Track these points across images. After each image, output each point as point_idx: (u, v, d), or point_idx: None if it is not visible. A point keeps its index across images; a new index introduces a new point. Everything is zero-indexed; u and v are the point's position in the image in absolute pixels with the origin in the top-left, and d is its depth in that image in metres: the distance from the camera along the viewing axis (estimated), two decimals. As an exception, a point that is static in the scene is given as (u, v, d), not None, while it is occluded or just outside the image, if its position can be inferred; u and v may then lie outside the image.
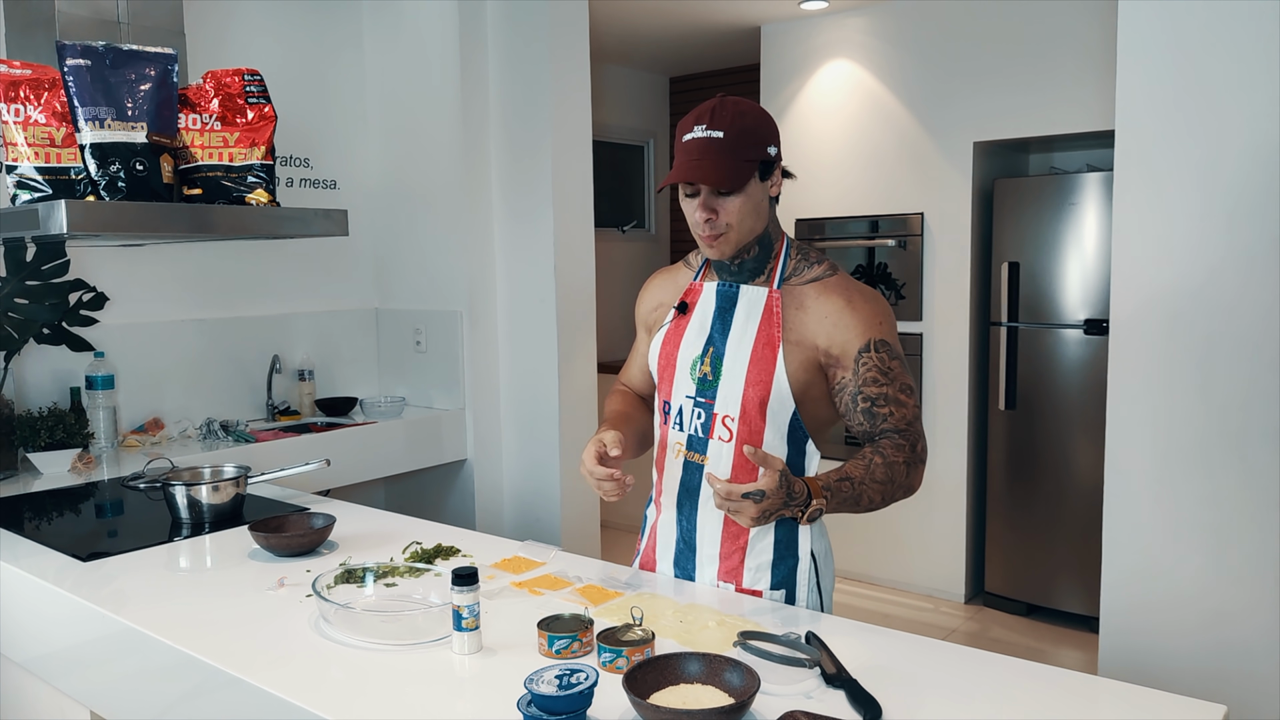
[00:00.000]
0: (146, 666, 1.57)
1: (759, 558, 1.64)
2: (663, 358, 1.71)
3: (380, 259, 4.00)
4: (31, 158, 1.97)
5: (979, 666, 1.37)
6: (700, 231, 1.58)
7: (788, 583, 1.65)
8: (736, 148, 1.53)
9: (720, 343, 1.63)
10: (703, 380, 1.64)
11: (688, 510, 1.69)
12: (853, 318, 1.57)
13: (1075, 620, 3.92)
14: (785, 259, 1.64)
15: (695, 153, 1.53)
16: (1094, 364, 3.74)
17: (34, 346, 2.87)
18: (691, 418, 1.66)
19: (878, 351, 1.57)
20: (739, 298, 1.64)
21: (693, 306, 1.69)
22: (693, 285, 1.72)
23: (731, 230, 1.57)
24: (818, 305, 1.59)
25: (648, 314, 1.81)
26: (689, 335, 1.67)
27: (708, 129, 1.53)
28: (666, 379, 1.70)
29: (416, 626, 1.45)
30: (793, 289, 1.61)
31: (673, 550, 1.73)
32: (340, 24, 3.84)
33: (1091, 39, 3.69)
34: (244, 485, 2.22)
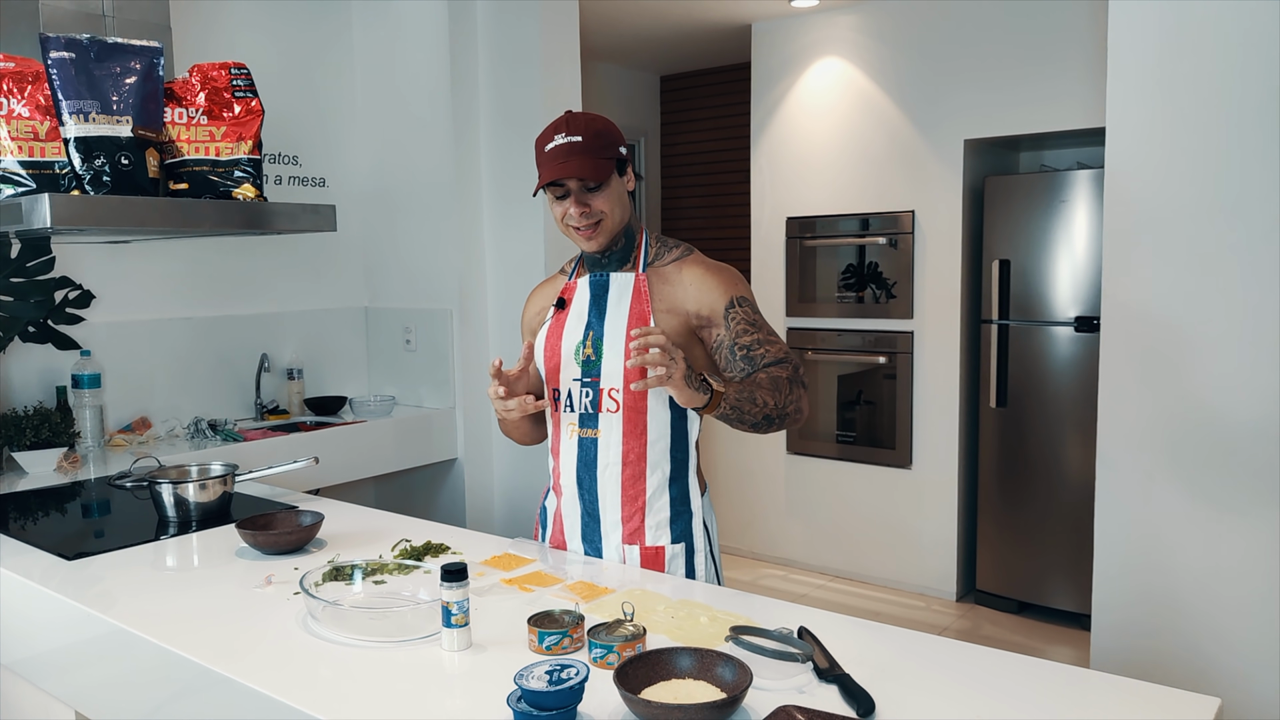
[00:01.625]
0: (133, 666, 1.55)
1: (658, 515, 1.79)
2: (548, 350, 1.84)
3: (370, 257, 3.98)
4: (15, 151, 1.95)
5: (972, 660, 1.36)
6: (576, 225, 1.75)
7: (686, 537, 1.80)
8: (595, 148, 1.72)
9: (598, 325, 1.79)
10: (587, 361, 1.79)
11: (588, 484, 1.81)
12: (714, 280, 1.77)
13: (1066, 618, 3.92)
14: (646, 247, 1.83)
15: (561, 156, 1.71)
16: (1085, 361, 3.74)
17: (19, 344, 2.85)
18: (580, 397, 1.80)
19: (741, 307, 1.75)
20: (609, 284, 1.81)
21: (570, 301, 1.85)
22: (568, 284, 1.89)
23: (605, 219, 1.75)
24: (680, 277, 1.78)
25: (532, 319, 1.97)
26: (570, 325, 1.83)
27: (567, 135, 1.72)
28: (553, 369, 1.84)
29: (405, 623, 1.44)
30: (657, 270, 1.80)
31: (579, 527, 1.85)
32: (329, 21, 3.82)
33: (1082, 36, 3.69)
34: (231, 483, 2.20)
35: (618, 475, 1.78)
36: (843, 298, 4.40)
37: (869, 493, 4.39)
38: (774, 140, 4.57)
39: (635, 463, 1.77)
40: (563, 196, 1.75)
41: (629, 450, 1.77)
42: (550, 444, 1.90)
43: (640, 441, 1.77)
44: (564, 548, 1.89)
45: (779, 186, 4.57)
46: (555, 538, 1.91)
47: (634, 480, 1.78)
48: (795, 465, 4.60)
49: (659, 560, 1.79)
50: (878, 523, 4.38)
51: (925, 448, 4.22)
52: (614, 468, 1.78)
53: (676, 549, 1.79)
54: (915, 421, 4.24)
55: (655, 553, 1.79)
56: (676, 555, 1.80)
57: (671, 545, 1.79)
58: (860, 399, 4.41)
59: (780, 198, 4.57)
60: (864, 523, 4.42)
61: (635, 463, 1.77)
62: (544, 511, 1.97)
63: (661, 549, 1.79)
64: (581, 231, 1.75)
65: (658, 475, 1.78)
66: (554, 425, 1.87)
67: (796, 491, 4.62)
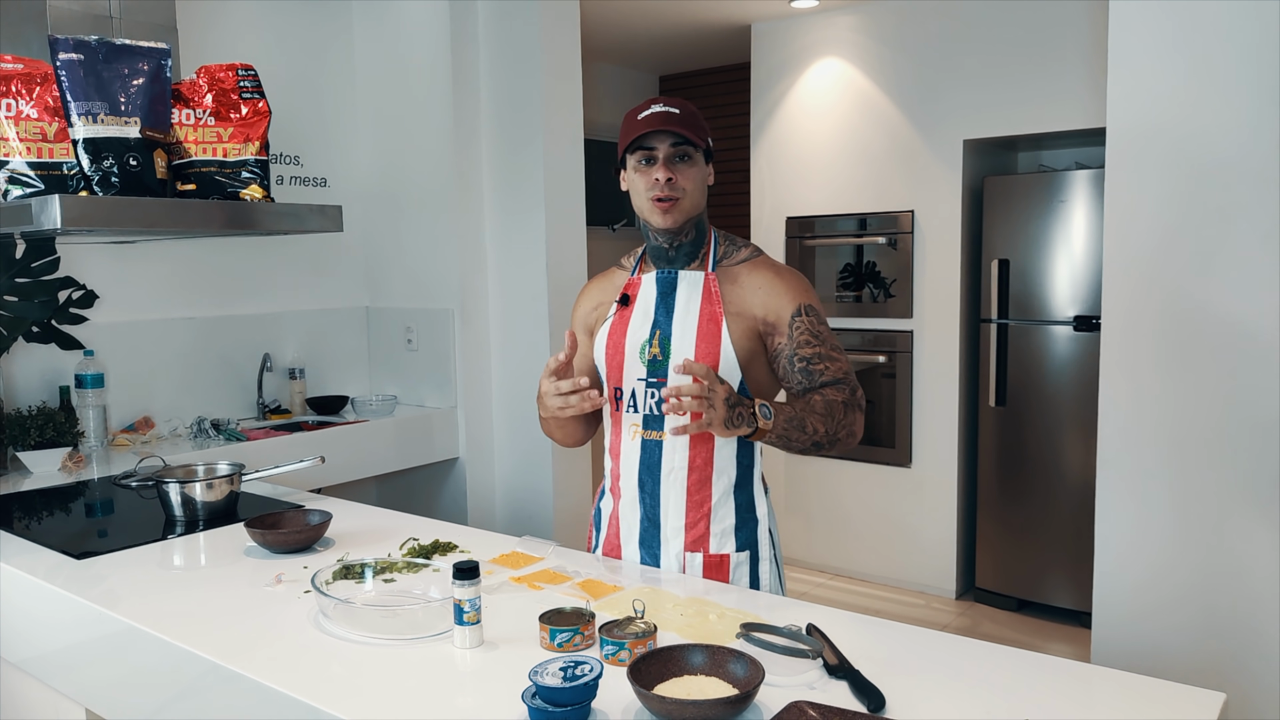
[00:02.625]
0: (145, 664, 1.56)
1: (723, 523, 1.73)
2: (610, 348, 1.78)
3: (371, 257, 3.99)
4: (23, 153, 1.95)
5: (979, 657, 1.37)
6: (656, 194, 1.67)
7: (751, 544, 1.75)
8: (692, 124, 1.68)
9: (666, 324, 1.73)
10: (653, 361, 1.73)
11: (650, 487, 1.75)
12: (783, 286, 1.72)
13: (1065, 615, 3.94)
14: (715, 246, 1.77)
15: (657, 121, 1.65)
16: (1084, 360, 3.76)
17: (23, 345, 2.85)
18: (645, 398, 1.74)
19: (808, 316, 1.70)
20: (678, 282, 1.75)
21: (634, 298, 1.78)
22: (632, 280, 1.82)
23: (685, 197, 1.69)
24: (750, 279, 1.72)
25: (587, 315, 1.89)
26: (634, 323, 1.76)
27: (665, 106, 1.67)
28: (616, 366, 1.77)
29: (417, 621, 1.45)
30: (726, 269, 1.74)
31: (637, 532, 1.79)
32: (331, 21, 3.82)
33: (1081, 37, 3.71)
34: (238, 483, 2.21)
35: (683, 480, 1.72)
36: (842, 297, 4.42)
37: (869, 491, 4.41)
38: (774, 140, 4.58)
39: (702, 468, 1.72)
40: (648, 162, 1.68)
41: (695, 455, 1.72)
42: (609, 444, 1.83)
43: (707, 446, 1.71)
44: (618, 552, 1.83)
45: (779, 186, 4.58)
46: (610, 541, 1.85)
47: (699, 486, 1.72)
48: (795, 464, 4.62)
49: (723, 569, 1.73)
50: (877, 521, 4.40)
51: (925, 446, 4.24)
52: (679, 472, 1.72)
53: (741, 557, 1.74)
54: (915, 420, 4.25)
55: (719, 560, 1.73)
56: (741, 563, 1.74)
57: (736, 553, 1.74)
58: (860, 398, 4.42)
59: (780, 197, 4.59)
60: (864, 521, 4.44)
61: (702, 468, 1.72)
62: (598, 514, 1.90)
63: (726, 557, 1.73)
64: (660, 204, 1.67)
65: (724, 481, 1.72)
66: (614, 425, 1.80)
67: (796, 490, 4.63)
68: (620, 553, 1.83)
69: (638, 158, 1.69)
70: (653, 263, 1.79)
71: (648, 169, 1.69)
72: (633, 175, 1.72)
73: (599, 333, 1.82)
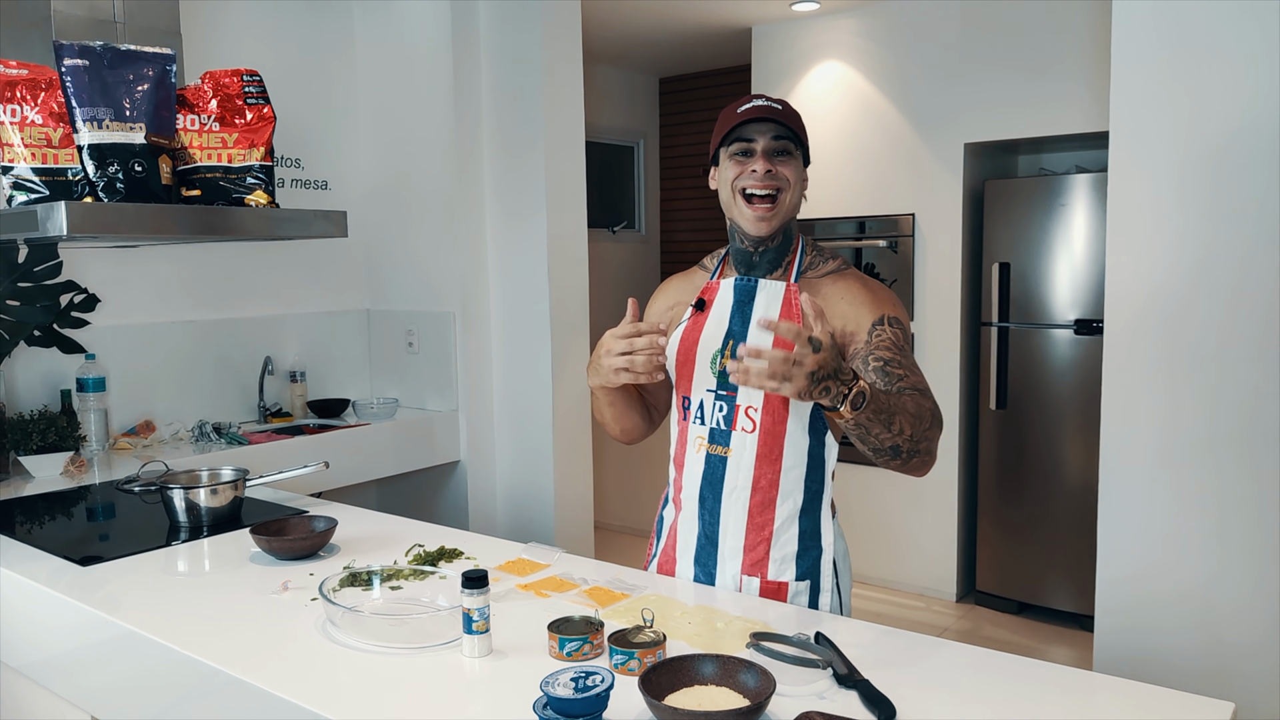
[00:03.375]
0: (151, 671, 1.55)
1: (784, 549, 1.64)
2: (681, 353, 1.70)
3: (372, 259, 3.99)
4: (28, 158, 1.95)
5: (989, 666, 1.37)
6: (756, 189, 1.56)
7: (812, 574, 1.64)
8: (794, 121, 1.60)
9: (741, 335, 1.64)
10: (724, 373, 1.63)
11: (710, 504, 1.68)
12: (867, 296, 1.61)
13: (1066, 618, 3.95)
14: (801, 255, 1.67)
15: (757, 114, 1.56)
16: (1085, 364, 3.77)
17: (24, 348, 2.85)
18: (713, 411, 1.65)
19: (891, 326, 1.58)
20: (757, 291, 1.65)
21: (710, 303, 1.70)
22: (710, 284, 1.73)
23: (785, 195, 1.59)
24: (833, 290, 1.62)
25: (663, 314, 1.80)
26: (708, 330, 1.68)
27: (766, 100, 1.58)
28: (685, 374, 1.70)
29: (425, 630, 1.45)
30: (809, 281, 1.64)
31: (693, 548, 1.72)
32: (332, 24, 3.82)
33: (1082, 41, 3.71)
34: (242, 488, 2.20)
35: (745, 500, 1.63)
36: (843, 300, 4.42)
37: (869, 493, 4.42)
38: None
39: (766, 489, 1.63)
40: (745, 154, 1.58)
41: (760, 475, 1.62)
42: (674, 453, 1.76)
43: (774, 467, 1.62)
44: (673, 566, 1.76)
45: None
46: (666, 553, 1.78)
47: (762, 508, 1.63)
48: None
49: (781, 596, 1.64)
50: (877, 523, 4.40)
51: (925, 449, 4.24)
52: (742, 492, 1.63)
53: (801, 586, 1.64)
54: (915, 423, 4.26)
55: (777, 588, 1.64)
56: (800, 593, 1.64)
57: (796, 582, 1.64)
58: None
59: (780, 200, 4.59)
60: (864, 523, 4.44)
61: (766, 489, 1.63)
62: (660, 522, 1.83)
63: (785, 585, 1.64)
64: (757, 203, 1.57)
65: (789, 505, 1.63)
66: (680, 434, 1.73)
67: (797, 493, 4.63)
68: (675, 567, 1.76)
69: (734, 149, 1.59)
70: (735, 266, 1.70)
71: (741, 162, 1.59)
72: (725, 168, 1.61)
73: (671, 335, 1.72)
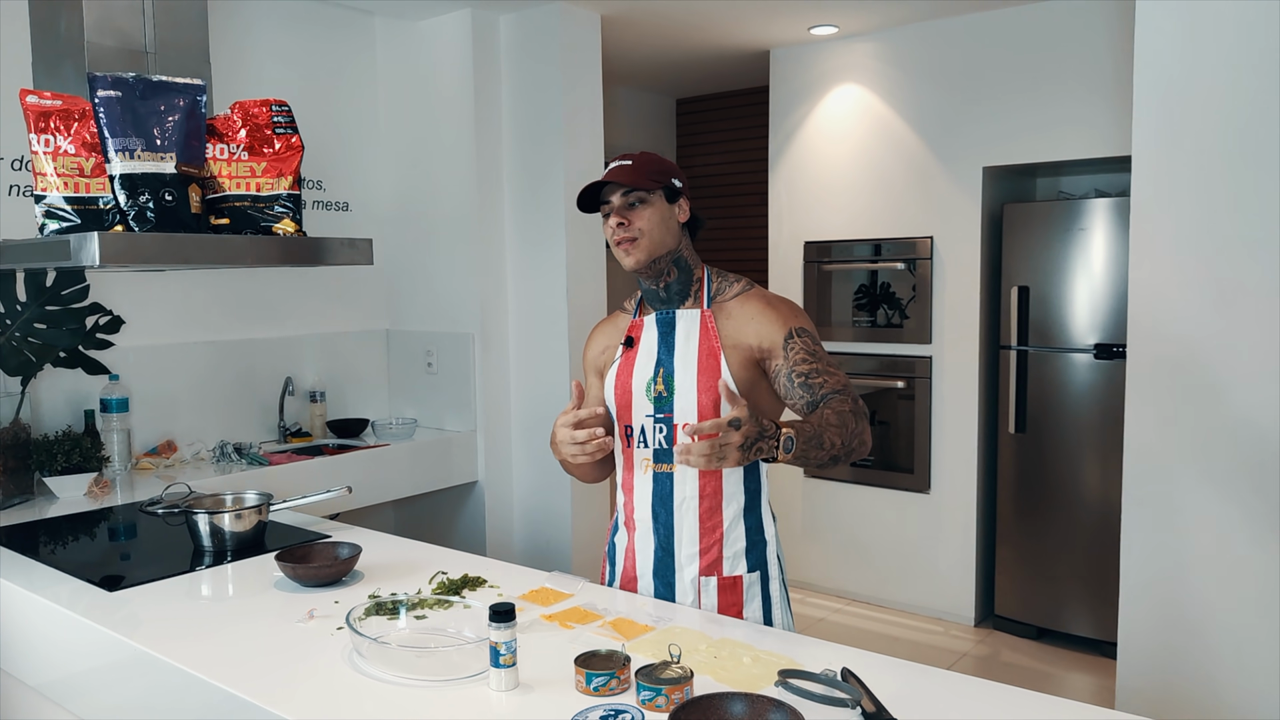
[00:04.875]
0: (174, 697, 1.56)
1: (734, 546, 1.82)
2: (619, 388, 1.87)
3: (392, 280, 4.01)
4: (60, 188, 1.98)
5: (1020, 704, 1.37)
6: (614, 239, 1.80)
7: (761, 564, 1.84)
8: (644, 170, 1.80)
9: (669, 361, 1.82)
10: (659, 398, 1.82)
11: (664, 518, 1.83)
12: (773, 314, 1.81)
13: (1086, 644, 3.92)
14: (708, 283, 1.86)
15: (609, 175, 1.81)
16: (1104, 388, 3.75)
17: (49, 369, 2.88)
18: (654, 433, 1.83)
19: (800, 337, 1.79)
20: (676, 321, 1.84)
21: (639, 339, 1.88)
22: (634, 322, 1.91)
23: (643, 237, 1.79)
24: (742, 311, 1.82)
25: (596, 358, 1.98)
26: (640, 362, 1.86)
27: (620, 161, 1.82)
28: (625, 406, 1.86)
29: (452, 662, 1.45)
30: (720, 305, 1.84)
31: (651, 562, 1.86)
32: (355, 48, 3.86)
33: (1101, 65, 3.72)
34: (266, 513, 2.22)
35: (695, 509, 1.81)
36: (859, 321, 4.42)
37: (886, 516, 4.40)
38: (792, 165, 4.60)
39: (712, 495, 1.80)
40: (608, 215, 1.82)
41: (705, 484, 1.80)
42: (621, 480, 1.92)
43: (716, 475, 1.80)
44: (634, 585, 1.90)
45: (797, 211, 4.59)
46: (627, 572, 1.91)
47: (711, 513, 1.81)
48: (812, 488, 4.61)
49: (737, 589, 1.81)
50: (895, 546, 4.38)
51: (944, 472, 4.23)
52: (691, 501, 1.80)
53: (753, 577, 1.82)
54: (934, 446, 4.25)
55: (733, 582, 1.81)
56: (753, 583, 1.82)
57: (748, 574, 1.82)
58: (874, 420, 4.42)
59: (798, 222, 4.60)
60: (881, 546, 4.42)
61: (712, 495, 1.80)
62: (612, 548, 1.97)
63: (739, 578, 1.81)
64: (620, 245, 1.80)
65: (734, 506, 1.81)
66: (626, 461, 1.89)
67: (813, 514, 4.62)
68: (636, 585, 1.89)
69: (602, 211, 1.83)
70: (649, 305, 1.90)
71: (608, 221, 1.82)
72: (604, 226, 1.84)
73: (608, 374, 1.91)
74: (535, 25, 3.74)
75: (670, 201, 1.83)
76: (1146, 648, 2.71)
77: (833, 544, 4.57)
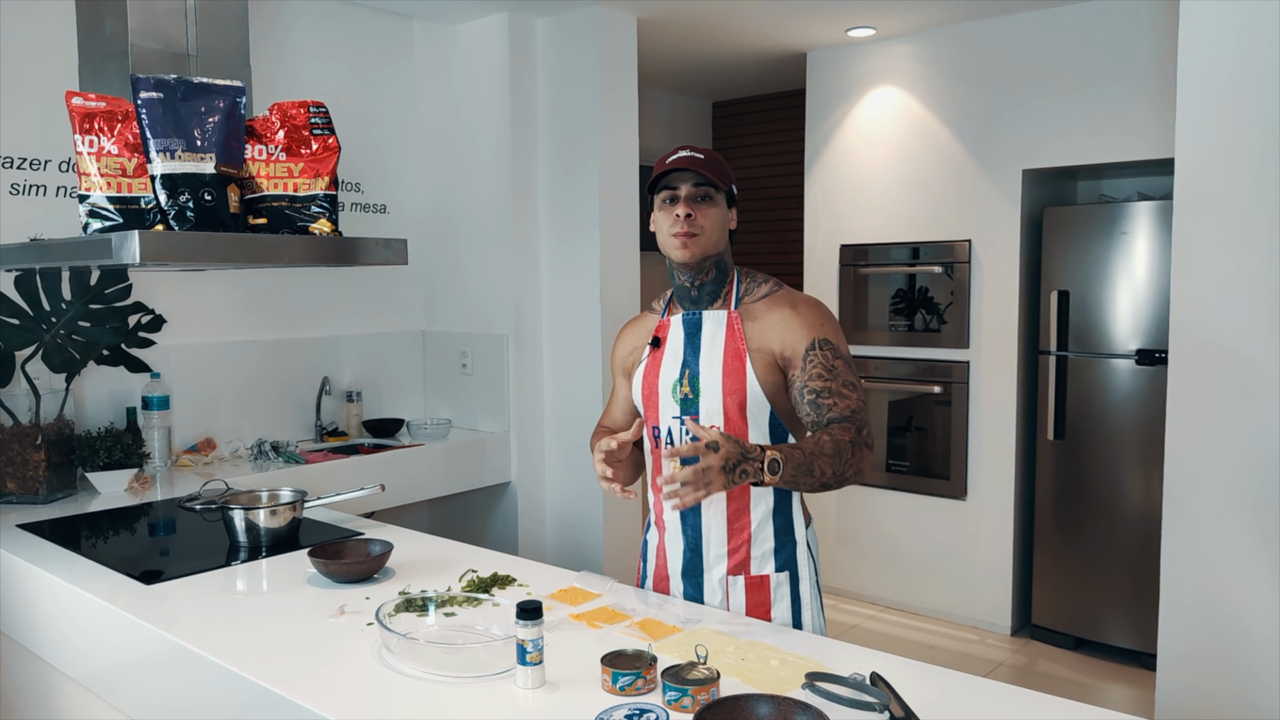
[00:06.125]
0: (207, 689, 1.58)
1: (763, 545, 1.80)
2: (645, 389, 1.86)
3: (428, 282, 4.04)
4: (103, 187, 2.02)
5: (1049, 712, 1.35)
6: (676, 230, 1.76)
7: (790, 565, 1.81)
8: (715, 169, 1.79)
9: (694, 363, 1.81)
10: (685, 399, 1.80)
11: (692, 519, 1.83)
12: (798, 320, 1.78)
13: (1125, 655, 3.85)
14: (738, 284, 1.85)
15: (681, 164, 1.77)
16: (1146, 395, 3.68)
17: (92, 367, 2.93)
18: (681, 435, 1.81)
19: (822, 350, 1.76)
20: (703, 322, 1.83)
21: (665, 340, 1.87)
22: (661, 322, 1.90)
23: (703, 235, 1.77)
24: (768, 315, 1.79)
25: (624, 359, 1.98)
26: (666, 364, 1.84)
27: (690, 151, 1.78)
28: (652, 406, 1.86)
29: (480, 659, 1.46)
30: (747, 307, 1.82)
31: (681, 563, 1.86)
32: (392, 51, 3.90)
33: (1145, 66, 3.65)
34: (300, 510, 2.24)
35: (722, 510, 1.79)
36: (896, 326, 4.38)
37: (922, 523, 4.35)
38: (828, 167, 4.57)
39: (739, 496, 1.79)
40: (672, 200, 1.78)
41: None
42: (650, 480, 1.88)
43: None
44: (666, 585, 1.90)
45: (833, 213, 4.57)
46: (659, 571, 1.92)
47: (739, 514, 1.79)
48: (846, 494, 4.57)
49: (764, 589, 1.80)
50: (931, 554, 4.33)
51: (981, 479, 4.18)
52: (718, 503, 1.79)
53: (781, 577, 1.80)
54: (970, 452, 4.19)
55: (760, 581, 1.80)
56: (781, 583, 1.81)
57: (776, 574, 1.80)
58: (911, 425, 4.37)
59: (834, 225, 4.57)
60: (916, 553, 4.38)
61: (739, 496, 1.79)
62: (645, 546, 1.98)
63: (766, 578, 1.80)
64: (679, 236, 1.76)
65: (762, 507, 1.79)
66: (654, 461, 1.88)
67: (848, 521, 4.59)
68: (668, 585, 1.89)
69: (662, 197, 1.79)
70: (679, 304, 1.88)
71: (670, 207, 1.78)
72: (657, 214, 1.81)
73: (635, 375, 1.91)
74: (571, 28, 3.76)
75: (729, 205, 1.83)
76: (1186, 660, 2.66)
77: (867, 550, 4.53)
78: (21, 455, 2.58)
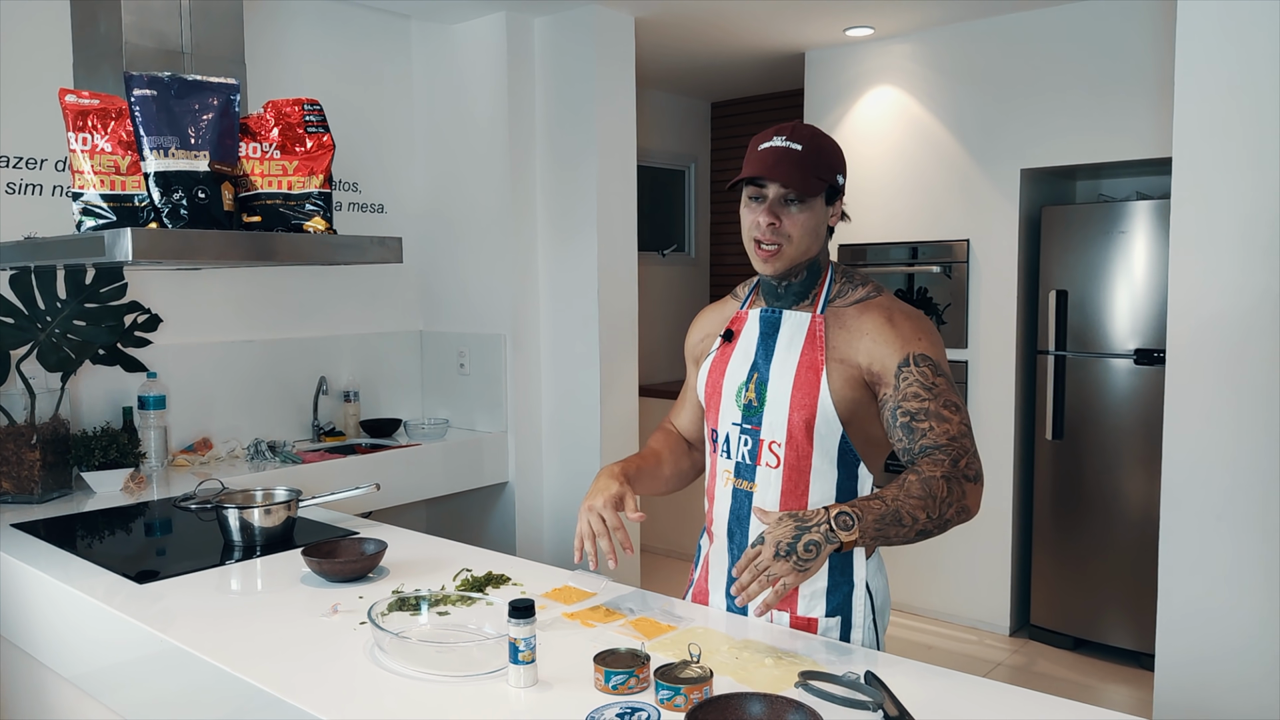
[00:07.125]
0: (201, 689, 1.58)
1: (813, 584, 1.61)
2: (709, 385, 1.71)
3: (425, 281, 4.04)
4: (97, 185, 2.01)
5: (1045, 711, 1.34)
6: (757, 236, 1.58)
7: (843, 610, 1.62)
8: (813, 163, 1.55)
9: (764, 368, 1.63)
10: (748, 406, 1.64)
11: (739, 539, 1.67)
12: (892, 333, 1.56)
13: (1124, 655, 3.84)
14: (830, 284, 1.64)
15: (771, 158, 1.55)
16: (1144, 394, 3.68)
17: (88, 366, 2.93)
18: (739, 444, 1.65)
19: (918, 366, 1.53)
20: (781, 323, 1.64)
21: (738, 334, 1.69)
22: (739, 313, 1.73)
23: (789, 245, 1.57)
24: (859, 323, 1.59)
25: (696, 345, 1.82)
26: (734, 362, 1.68)
27: (788, 140, 1.55)
28: (713, 406, 1.70)
29: (472, 658, 1.45)
30: (836, 311, 1.62)
31: (725, 580, 1.72)
32: (389, 50, 3.89)
33: (1143, 66, 3.65)
34: (295, 509, 2.23)
35: None
36: (895, 326, 4.37)
37: (920, 523, 4.34)
38: (826, 167, 4.56)
39: None
40: (757, 199, 1.58)
41: (787, 507, 1.61)
42: (706, 484, 1.76)
43: (800, 503, 1.60)
44: (706, 597, 1.76)
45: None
46: (700, 583, 1.79)
47: None
48: (845, 494, 4.56)
49: (810, 631, 1.62)
50: (929, 554, 4.32)
51: (978, 479, 4.17)
52: None
53: (831, 622, 1.62)
54: (968, 452, 4.18)
55: (807, 624, 1.62)
56: (830, 629, 1.62)
57: (826, 618, 1.62)
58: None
59: (832, 225, 4.56)
60: (915, 553, 4.37)
61: None
62: (698, 551, 1.84)
63: (815, 620, 1.62)
64: (762, 250, 1.58)
65: None
66: (710, 466, 1.73)
67: (846, 520, 4.57)
68: (708, 598, 1.76)
69: (749, 192, 1.60)
70: (763, 296, 1.69)
71: (754, 207, 1.59)
72: (742, 208, 1.62)
73: (702, 366, 1.75)
74: (569, 28, 3.75)
75: (829, 203, 1.61)
76: (1185, 660, 2.65)
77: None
78: (17, 454, 2.58)
